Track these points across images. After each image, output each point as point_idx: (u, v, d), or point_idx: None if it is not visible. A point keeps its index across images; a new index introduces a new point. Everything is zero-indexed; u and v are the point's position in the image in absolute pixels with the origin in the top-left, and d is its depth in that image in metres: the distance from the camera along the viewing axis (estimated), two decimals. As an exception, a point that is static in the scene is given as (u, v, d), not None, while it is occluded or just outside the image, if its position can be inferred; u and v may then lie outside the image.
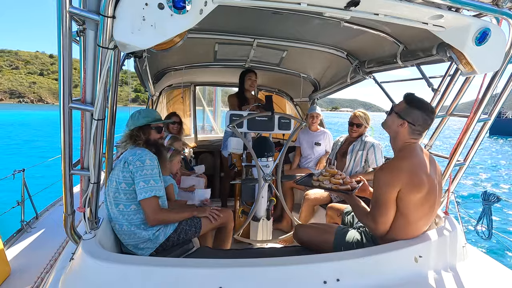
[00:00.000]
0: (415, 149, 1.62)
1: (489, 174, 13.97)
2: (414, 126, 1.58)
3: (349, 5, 1.26)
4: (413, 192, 1.51)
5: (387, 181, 1.53)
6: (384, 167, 1.61)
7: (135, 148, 1.92)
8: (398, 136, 1.63)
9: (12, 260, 2.33)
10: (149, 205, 1.82)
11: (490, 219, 2.94)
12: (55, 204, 3.69)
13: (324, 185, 2.00)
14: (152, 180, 1.81)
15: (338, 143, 3.30)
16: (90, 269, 1.33)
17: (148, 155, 1.87)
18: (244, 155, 2.74)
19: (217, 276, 1.29)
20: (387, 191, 1.52)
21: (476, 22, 1.41)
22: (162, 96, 4.24)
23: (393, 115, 1.64)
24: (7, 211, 3.10)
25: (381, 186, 1.55)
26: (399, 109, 1.62)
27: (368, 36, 2.34)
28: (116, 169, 1.86)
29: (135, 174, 1.80)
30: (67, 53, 1.12)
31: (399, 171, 1.53)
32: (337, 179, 2.02)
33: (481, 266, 1.69)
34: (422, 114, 1.57)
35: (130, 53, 2.38)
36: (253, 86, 3.48)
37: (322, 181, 2.04)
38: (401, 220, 1.56)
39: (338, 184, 1.97)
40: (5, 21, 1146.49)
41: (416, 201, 1.53)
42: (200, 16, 1.16)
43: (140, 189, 1.79)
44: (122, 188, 1.81)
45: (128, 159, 1.83)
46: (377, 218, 1.57)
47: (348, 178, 2.04)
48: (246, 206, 2.77)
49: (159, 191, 1.85)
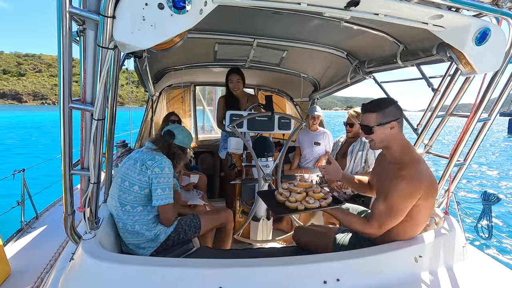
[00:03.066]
0: (415, 150, 1.61)
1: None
2: (399, 119, 1.58)
3: (349, 5, 1.26)
4: (431, 198, 1.50)
5: (409, 192, 1.45)
6: (405, 176, 1.47)
7: (153, 153, 1.91)
8: (392, 141, 1.59)
9: (12, 260, 2.33)
10: (166, 211, 1.88)
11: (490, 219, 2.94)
12: (55, 204, 3.69)
13: (310, 205, 1.65)
14: (167, 188, 1.85)
15: (339, 143, 3.30)
16: (90, 269, 1.33)
17: (167, 163, 1.88)
18: (244, 155, 2.74)
19: (217, 276, 1.29)
20: (407, 202, 1.46)
21: (476, 22, 1.41)
22: (162, 96, 4.24)
23: (377, 128, 1.56)
24: (7, 211, 3.10)
25: (401, 196, 1.46)
26: (376, 120, 1.56)
27: (368, 36, 2.34)
28: (128, 168, 1.86)
29: (153, 180, 1.81)
30: (67, 53, 1.12)
31: (420, 181, 1.46)
32: (316, 192, 1.73)
33: (481, 266, 1.69)
34: (393, 106, 1.57)
35: (130, 53, 2.38)
36: (237, 87, 3.37)
37: (301, 201, 1.68)
38: (408, 223, 1.54)
39: (322, 198, 1.70)
40: (29, 26, 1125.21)
41: (429, 205, 1.52)
42: (200, 16, 1.16)
43: (157, 195, 1.82)
44: (134, 190, 1.82)
45: (147, 163, 1.83)
46: (384, 225, 1.51)
47: (326, 189, 1.80)
48: (246, 206, 2.77)
49: (172, 198, 1.89)
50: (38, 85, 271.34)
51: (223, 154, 3.46)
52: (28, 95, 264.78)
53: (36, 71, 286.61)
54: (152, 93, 3.63)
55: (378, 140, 1.60)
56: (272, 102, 2.51)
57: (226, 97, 3.50)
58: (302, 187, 1.76)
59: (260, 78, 4.37)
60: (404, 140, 1.63)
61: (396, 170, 1.53)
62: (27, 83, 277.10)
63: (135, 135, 3.85)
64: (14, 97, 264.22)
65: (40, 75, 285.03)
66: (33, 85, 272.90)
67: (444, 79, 2.05)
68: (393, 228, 1.56)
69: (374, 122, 1.57)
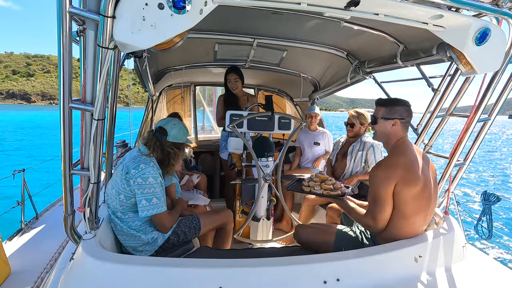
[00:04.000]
0: (409, 147, 1.68)
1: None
2: (404, 119, 1.67)
3: (349, 5, 1.26)
4: (408, 187, 1.54)
5: (384, 177, 1.57)
6: (380, 164, 1.67)
7: (140, 158, 1.79)
8: (392, 136, 1.70)
9: (12, 260, 2.33)
10: (159, 220, 1.81)
11: (490, 219, 2.94)
12: (55, 204, 3.70)
13: (315, 191, 2.03)
14: (154, 198, 1.75)
15: (339, 143, 3.30)
16: (90, 269, 1.33)
17: (151, 171, 1.75)
18: (244, 155, 2.74)
19: (217, 276, 1.29)
20: (384, 187, 1.56)
21: (476, 22, 1.41)
22: (162, 96, 4.24)
23: (381, 121, 1.71)
24: (7, 211, 3.10)
25: (378, 182, 1.58)
26: (382, 113, 1.71)
27: (368, 36, 2.34)
28: (117, 174, 1.80)
29: (136, 191, 1.72)
30: (67, 53, 1.12)
31: (395, 167, 1.57)
32: (327, 184, 2.04)
33: (481, 266, 1.69)
34: (403, 107, 1.68)
35: (130, 53, 2.37)
36: (235, 86, 3.35)
37: (312, 187, 2.06)
38: (397, 216, 1.58)
39: (329, 190, 2.00)
40: (39, 27, 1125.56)
41: (411, 195, 1.56)
42: (200, 16, 1.16)
43: (142, 206, 1.73)
44: (120, 199, 1.76)
45: (131, 172, 1.72)
46: (376, 215, 1.60)
47: (338, 184, 2.07)
48: (246, 206, 2.77)
49: (161, 207, 1.79)
50: (46, 85, 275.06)
51: (225, 155, 3.42)
52: (37, 95, 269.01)
53: (45, 72, 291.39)
54: (152, 93, 3.63)
55: (379, 132, 1.74)
56: (272, 102, 2.51)
57: (226, 96, 3.49)
58: (319, 178, 2.13)
59: (260, 78, 4.37)
60: (404, 138, 1.69)
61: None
62: (36, 83, 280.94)
63: (135, 135, 3.85)
64: (23, 97, 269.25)
65: (48, 76, 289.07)
66: (41, 85, 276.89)
67: (444, 79, 2.05)
68: (389, 225, 1.61)
69: (380, 114, 1.72)
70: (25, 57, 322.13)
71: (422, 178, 1.58)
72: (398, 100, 1.72)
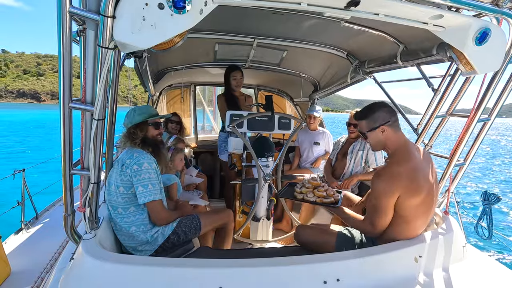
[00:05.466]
0: (411, 151, 1.62)
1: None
2: (389, 122, 1.62)
3: (349, 5, 1.26)
4: (412, 197, 1.51)
5: (386, 190, 1.52)
6: (381, 174, 1.59)
7: (133, 150, 1.87)
8: (387, 141, 1.66)
9: (12, 260, 2.33)
10: (152, 208, 1.84)
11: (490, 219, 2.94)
12: (55, 204, 3.70)
13: (308, 198, 1.99)
14: (150, 184, 1.80)
15: (339, 143, 3.30)
16: (90, 269, 1.33)
17: (146, 158, 1.82)
18: (244, 155, 2.74)
19: (217, 276, 1.29)
20: (386, 198, 1.52)
21: (476, 22, 1.41)
22: (162, 96, 4.24)
23: (370, 133, 1.67)
24: (7, 211, 3.10)
25: (380, 193, 1.54)
26: (366, 126, 1.68)
27: (368, 36, 2.34)
28: (114, 171, 1.83)
29: (133, 178, 1.77)
30: (67, 53, 1.12)
31: (397, 179, 1.51)
32: (320, 191, 2.00)
33: (481, 266, 1.69)
34: (381, 111, 1.64)
35: (130, 53, 2.37)
36: (239, 85, 3.37)
37: (305, 194, 2.02)
38: (399, 221, 1.56)
39: (322, 197, 1.96)
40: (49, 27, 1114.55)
41: (415, 204, 1.53)
42: (200, 16, 1.16)
43: (139, 193, 1.78)
44: (120, 192, 1.79)
45: (126, 162, 1.79)
46: (375, 222, 1.58)
47: (331, 190, 2.04)
48: (246, 206, 2.77)
49: (156, 194, 1.83)
50: (56, 84, 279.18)
51: (224, 156, 3.40)
52: (46, 94, 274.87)
53: (55, 71, 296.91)
54: (152, 93, 3.63)
55: (374, 143, 1.71)
56: (272, 102, 2.51)
57: (226, 96, 3.48)
58: (311, 185, 2.09)
59: (260, 78, 4.37)
60: (401, 140, 1.65)
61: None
62: (46, 82, 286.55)
63: None
64: (33, 96, 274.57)
65: (57, 75, 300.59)
66: (51, 84, 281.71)
67: (444, 79, 2.05)
68: (390, 228, 1.59)
69: (365, 128, 1.69)
70: (35, 57, 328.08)
71: (426, 186, 1.54)
72: (373, 106, 1.68)
